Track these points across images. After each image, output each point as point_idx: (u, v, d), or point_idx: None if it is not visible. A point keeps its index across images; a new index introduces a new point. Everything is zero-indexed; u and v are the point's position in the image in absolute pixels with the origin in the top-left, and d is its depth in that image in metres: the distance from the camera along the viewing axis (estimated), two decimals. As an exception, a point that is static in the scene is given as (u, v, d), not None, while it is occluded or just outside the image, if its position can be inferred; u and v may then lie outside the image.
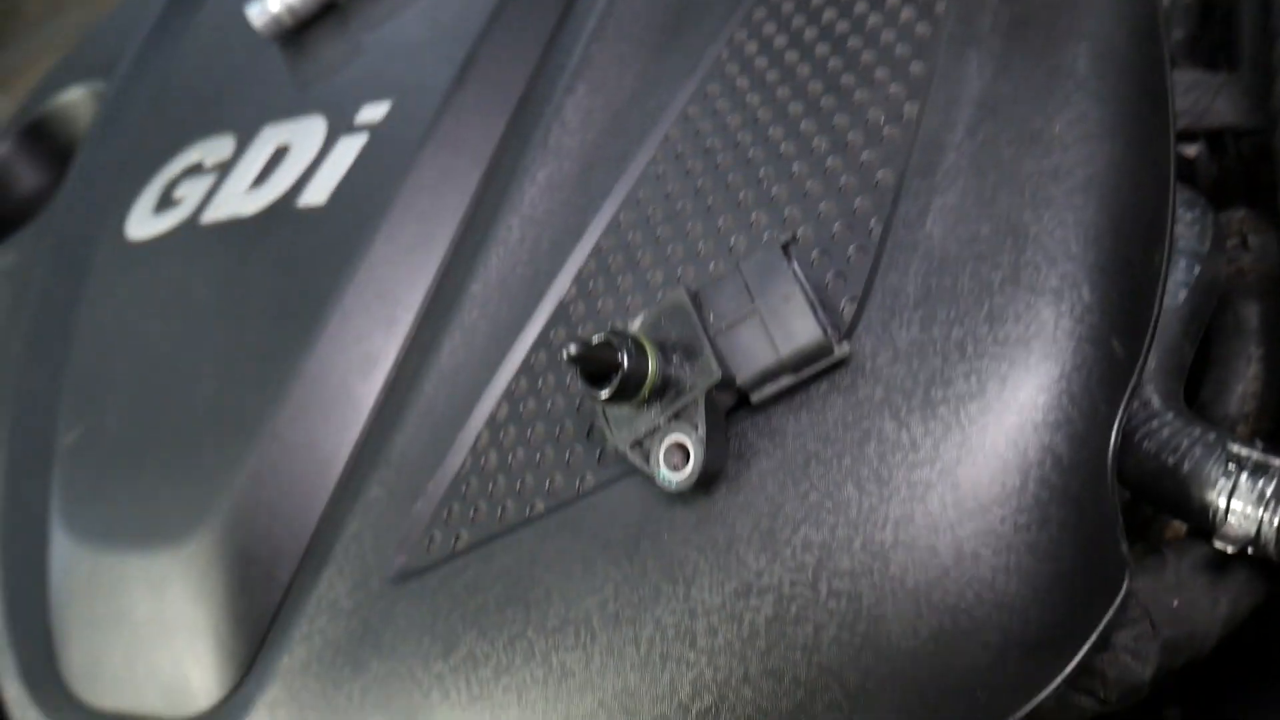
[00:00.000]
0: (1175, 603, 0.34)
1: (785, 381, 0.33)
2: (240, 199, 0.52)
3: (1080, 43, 0.37)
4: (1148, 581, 0.35)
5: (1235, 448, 0.33)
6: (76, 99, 0.77)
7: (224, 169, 0.54)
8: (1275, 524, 0.31)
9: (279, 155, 0.52)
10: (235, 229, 0.51)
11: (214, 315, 0.49)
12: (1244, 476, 0.32)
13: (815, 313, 0.33)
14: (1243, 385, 0.41)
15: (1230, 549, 0.32)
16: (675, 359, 0.34)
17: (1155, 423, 0.34)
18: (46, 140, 0.78)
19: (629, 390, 0.33)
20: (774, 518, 0.32)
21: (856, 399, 0.33)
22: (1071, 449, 0.31)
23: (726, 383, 0.33)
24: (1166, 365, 0.36)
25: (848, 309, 0.35)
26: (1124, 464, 0.34)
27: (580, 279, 0.41)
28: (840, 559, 0.32)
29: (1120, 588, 0.32)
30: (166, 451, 0.46)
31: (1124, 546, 0.32)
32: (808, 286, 0.33)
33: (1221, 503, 0.33)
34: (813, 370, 0.33)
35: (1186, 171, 0.45)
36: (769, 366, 0.33)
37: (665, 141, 0.43)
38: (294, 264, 0.48)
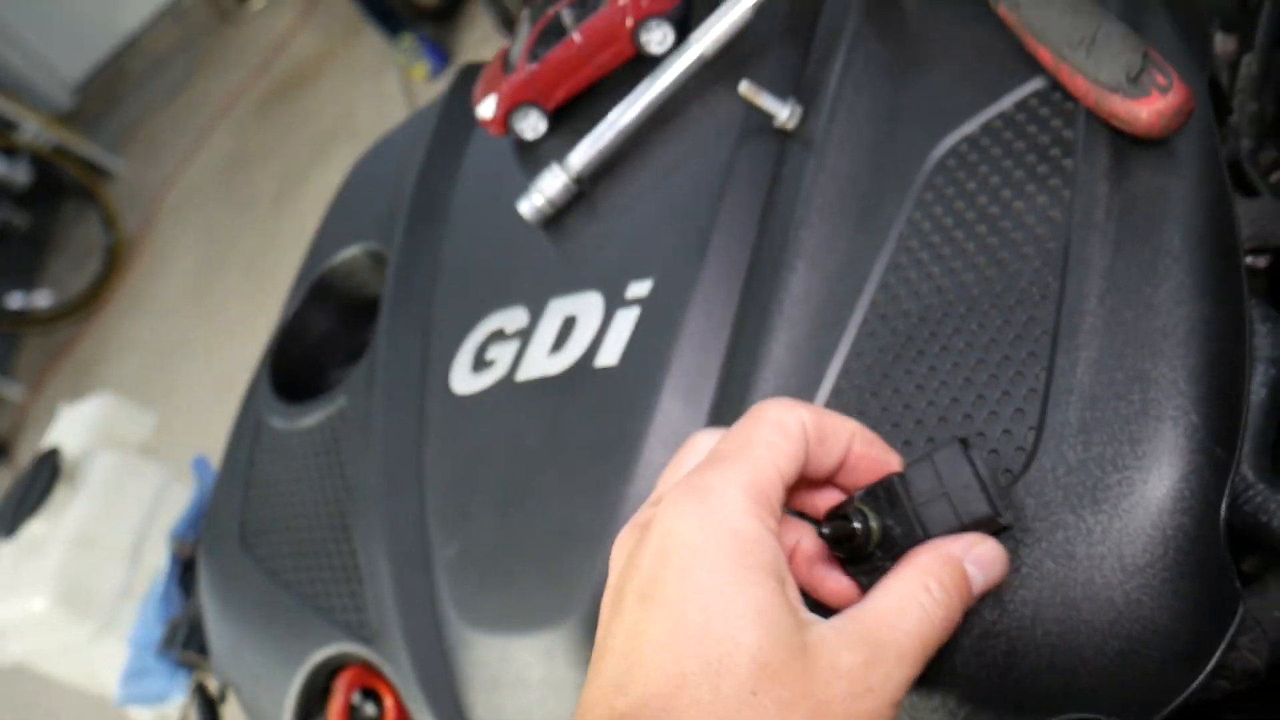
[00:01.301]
0: (1277, 613, 0.50)
1: None
2: (545, 361, 0.70)
3: (1172, 224, 0.52)
4: (1256, 601, 0.51)
5: (1311, 507, 0.48)
6: (353, 257, 0.96)
7: (524, 336, 0.73)
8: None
9: (569, 324, 0.71)
10: (546, 385, 0.69)
11: (545, 455, 0.68)
12: (1319, 527, 0.48)
13: (987, 495, 0.45)
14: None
15: (1313, 579, 0.48)
16: (890, 523, 0.47)
17: (1251, 492, 0.50)
18: (329, 293, 0.99)
19: (860, 548, 0.47)
20: (1001, 586, 0.49)
21: (1045, 501, 0.49)
22: (1194, 524, 0.47)
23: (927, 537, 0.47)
24: (1256, 446, 0.51)
25: (1029, 422, 0.51)
26: (1232, 525, 0.50)
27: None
28: (1047, 610, 0.48)
29: (1237, 610, 0.48)
30: (533, 560, 0.65)
31: (1236, 583, 0.48)
32: (984, 473, 0.46)
33: (1307, 544, 0.48)
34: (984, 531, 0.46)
35: (1259, 284, 0.60)
36: (954, 528, 0.46)
37: (873, 305, 0.59)
38: (603, 412, 0.66)
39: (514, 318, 0.74)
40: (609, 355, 0.67)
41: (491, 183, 0.85)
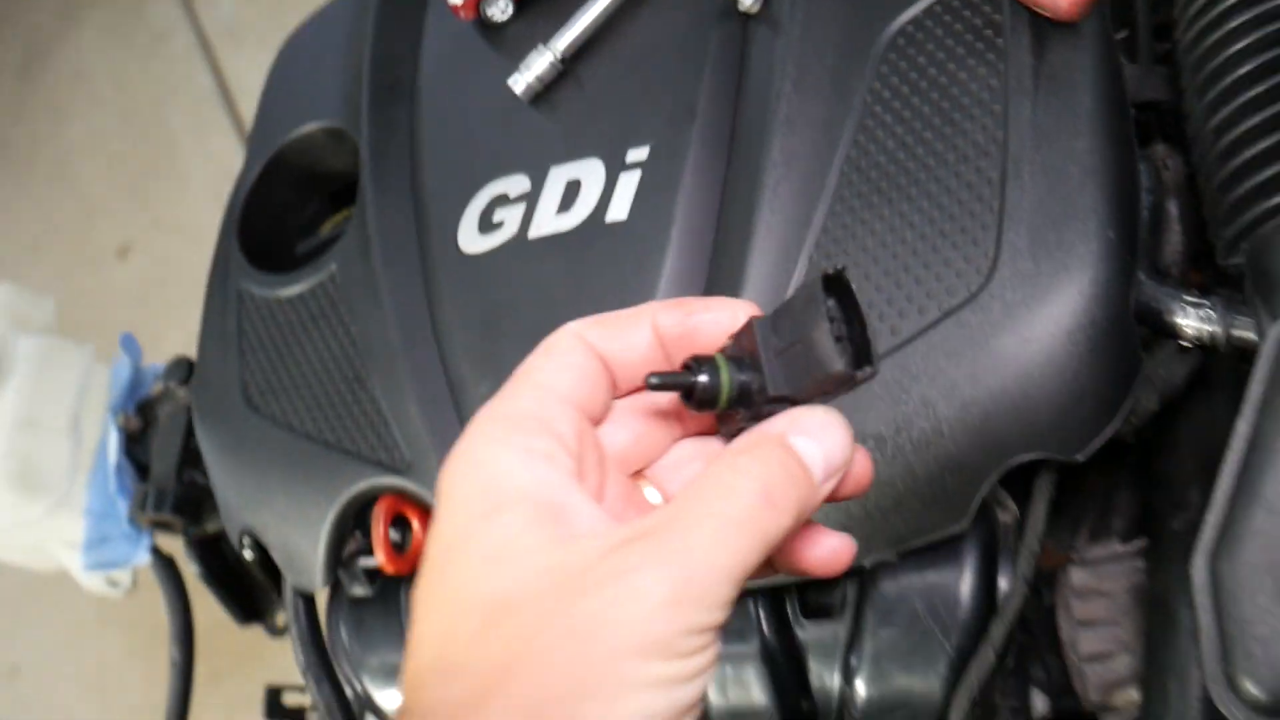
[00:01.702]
0: (1162, 370, 0.70)
1: (832, 395, 0.42)
2: (555, 219, 0.81)
3: (1085, 89, 0.69)
4: (1148, 362, 0.70)
5: (1185, 295, 0.67)
6: (308, 134, 1.02)
7: (530, 199, 0.83)
8: (1212, 329, 0.66)
9: (573, 188, 0.82)
10: (560, 241, 0.81)
11: (570, 301, 0.79)
12: (1190, 308, 0.67)
13: (841, 345, 0.40)
14: (1170, 243, 0.75)
15: (1190, 344, 0.67)
16: (747, 378, 0.43)
17: (1144, 286, 0.69)
18: (284, 169, 1.04)
19: (709, 402, 0.43)
20: (977, 369, 0.66)
21: (1006, 301, 0.66)
22: (1113, 307, 0.65)
23: (782, 398, 0.42)
24: (1144, 253, 0.70)
25: (988, 246, 0.67)
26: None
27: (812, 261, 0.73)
28: (1006, 377, 0.66)
29: (1139, 368, 0.67)
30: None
31: (1139, 349, 0.66)
32: (838, 315, 0.41)
33: (1180, 321, 0.67)
34: (846, 390, 0.42)
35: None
36: (808, 387, 0.42)
37: (848, 161, 0.74)
38: (620, 261, 0.78)
39: (516, 184, 0.85)
40: (618, 211, 0.79)
41: (460, 63, 0.93)
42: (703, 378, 0.43)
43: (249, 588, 1.20)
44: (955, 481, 0.67)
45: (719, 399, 0.43)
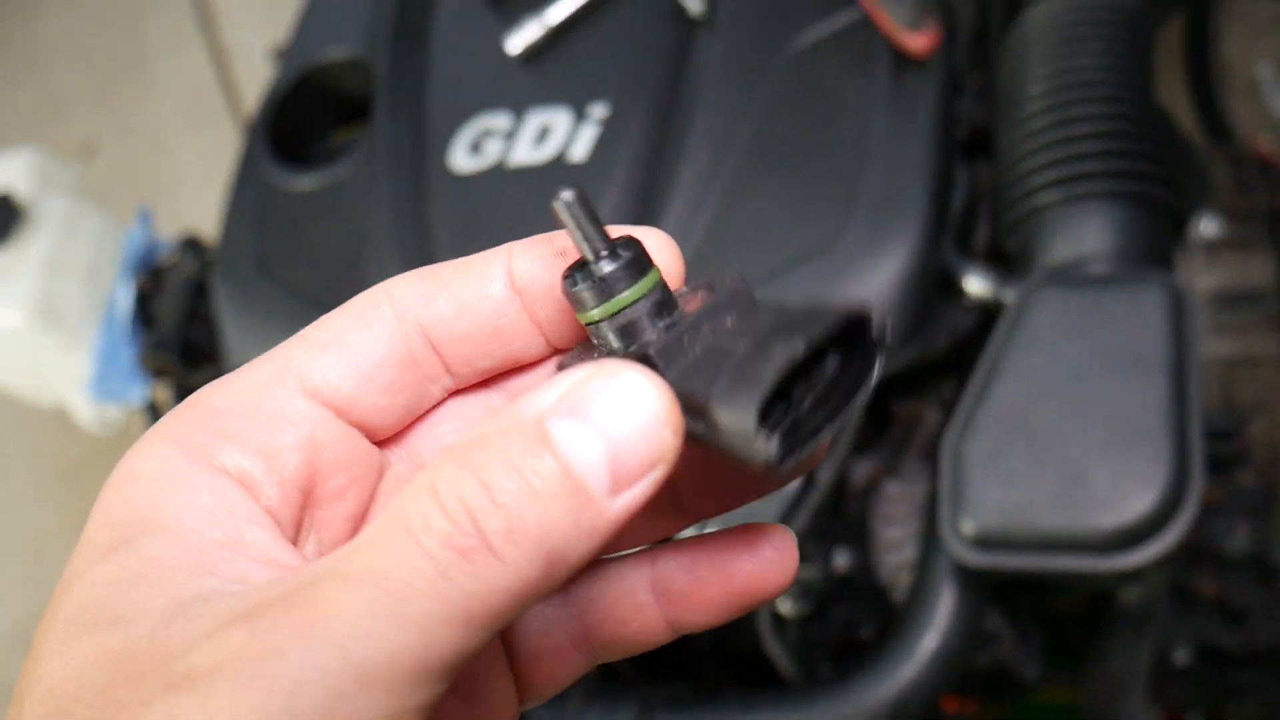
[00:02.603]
0: (960, 312, 0.97)
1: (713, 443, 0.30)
2: (529, 153, 1.06)
3: (925, 110, 0.96)
4: (945, 307, 0.98)
5: (973, 265, 0.95)
6: (334, 60, 1.25)
7: (510, 134, 1.08)
8: (989, 292, 0.93)
9: (544, 130, 1.06)
10: (532, 172, 1.06)
11: (532, 225, 1.04)
12: (975, 276, 0.94)
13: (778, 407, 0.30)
14: (979, 232, 1.03)
15: (974, 303, 0.95)
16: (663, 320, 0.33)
17: (946, 255, 0.96)
18: (312, 85, 1.27)
19: (599, 293, 0.33)
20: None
21: (850, 262, 0.93)
22: (928, 265, 0.92)
23: (651, 365, 0.32)
24: (951, 232, 0.97)
25: (840, 215, 0.94)
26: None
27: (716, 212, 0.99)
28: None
29: (935, 310, 0.94)
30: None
31: (935, 299, 0.94)
32: (806, 385, 0.31)
33: (968, 285, 0.95)
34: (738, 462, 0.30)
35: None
36: (696, 396, 0.30)
37: (753, 139, 1.00)
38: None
39: (501, 120, 1.09)
40: (579, 153, 1.04)
41: (467, 20, 1.17)
42: (621, 255, 0.33)
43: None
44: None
45: (611, 297, 0.33)
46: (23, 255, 1.42)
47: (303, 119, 1.28)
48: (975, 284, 0.95)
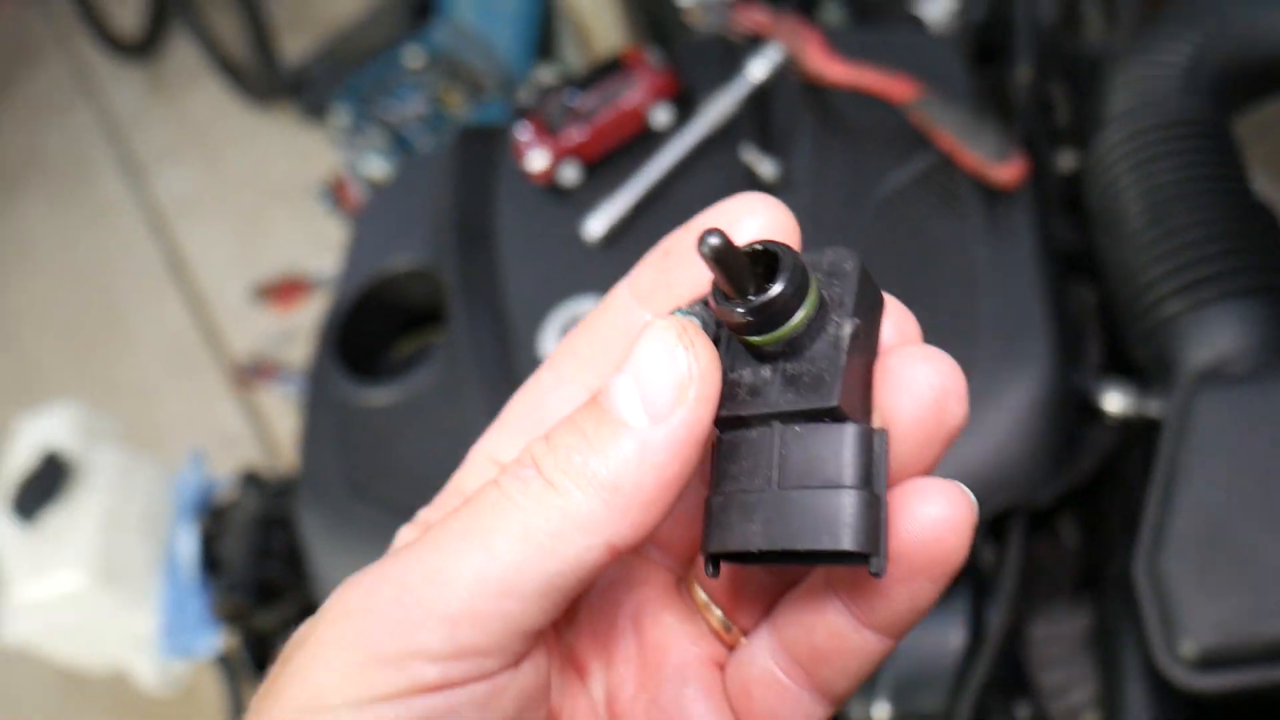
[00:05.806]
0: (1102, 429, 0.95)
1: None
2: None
3: (1022, 240, 0.96)
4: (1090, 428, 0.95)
5: (1107, 384, 0.93)
6: (398, 270, 1.25)
7: (602, 320, 1.06)
8: (1129, 408, 0.92)
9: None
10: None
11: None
12: (1112, 393, 0.93)
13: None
14: (1092, 350, 1.02)
15: (1113, 421, 0.93)
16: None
17: (1078, 378, 0.94)
18: (375, 299, 1.26)
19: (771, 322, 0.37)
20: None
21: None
22: (1060, 392, 0.91)
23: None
24: (1085, 357, 0.96)
25: (964, 350, 0.93)
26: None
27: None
28: (962, 450, 0.90)
29: (1078, 435, 0.92)
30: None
31: (1076, 423, 0.91)
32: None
33: (1110, 406, 0.93)
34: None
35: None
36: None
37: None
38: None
39: (587, 305, 1.08)
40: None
41: (533, 215, 1.18)
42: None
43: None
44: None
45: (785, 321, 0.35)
46: (77, 513, 1.36)
47: (369, 334, 1.27)
48: (1115, 401, 0.94)
